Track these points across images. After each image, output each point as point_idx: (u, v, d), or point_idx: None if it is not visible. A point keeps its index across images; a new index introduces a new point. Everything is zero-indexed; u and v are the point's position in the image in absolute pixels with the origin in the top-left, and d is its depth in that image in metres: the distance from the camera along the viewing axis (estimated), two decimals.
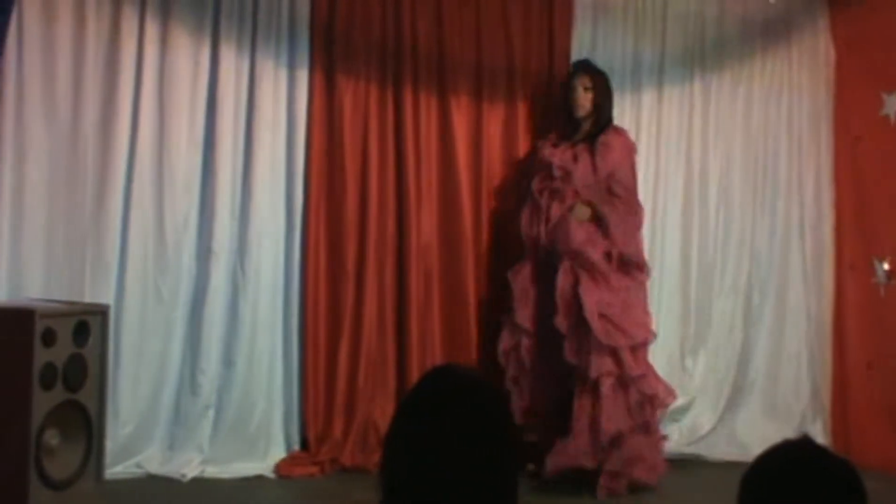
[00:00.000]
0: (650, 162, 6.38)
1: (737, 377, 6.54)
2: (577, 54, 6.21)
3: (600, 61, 6.15)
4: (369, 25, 5.89)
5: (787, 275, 6.65)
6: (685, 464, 6.10)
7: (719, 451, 6.25)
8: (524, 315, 5.75)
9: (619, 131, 5.86)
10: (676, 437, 6.24)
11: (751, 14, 6.58)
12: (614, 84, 6.00)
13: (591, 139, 5.77)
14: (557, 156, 5.78)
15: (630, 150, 5.85)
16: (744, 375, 6.55)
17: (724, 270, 6.54)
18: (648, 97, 6.39)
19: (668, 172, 6.43)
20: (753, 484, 2.00)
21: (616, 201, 5.69)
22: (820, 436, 6.30)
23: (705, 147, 6.51)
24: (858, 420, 6.50)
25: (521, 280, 5.80)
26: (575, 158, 5.75)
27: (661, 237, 6.40)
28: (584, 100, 5.83)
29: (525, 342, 5.73)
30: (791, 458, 2.00)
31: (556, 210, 5.72)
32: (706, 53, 6.53)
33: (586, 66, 5.95)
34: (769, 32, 6.65)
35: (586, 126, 5.84)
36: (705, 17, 6.51)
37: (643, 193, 6.29)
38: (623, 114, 6.28)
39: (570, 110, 5.88)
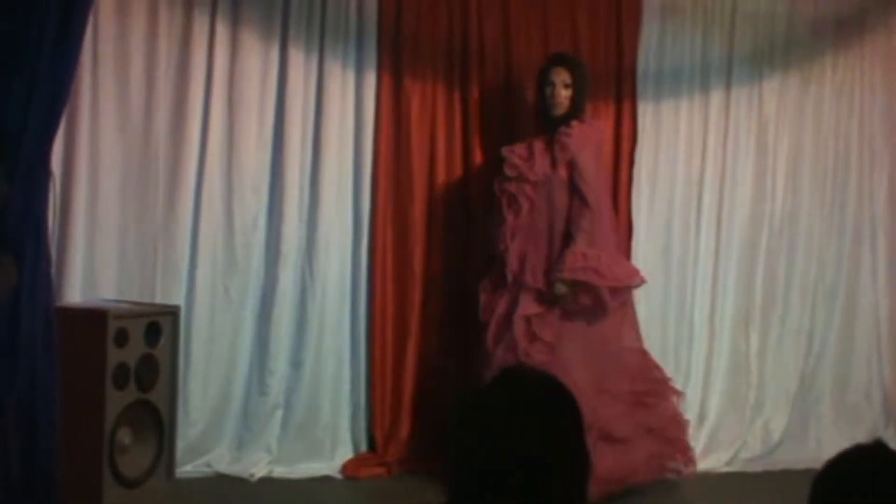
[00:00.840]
0: (717, 162, 6.29)
1: (805, 382, 6.41)
2: (644, 54, 6.14)
3: (668, 61, 6.09)
4: (437, 27, 5.89)
5: (858, 276, 6.51)
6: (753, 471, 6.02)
7: (788, 458, 6.09)
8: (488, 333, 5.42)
9: (584, 119, 5.45)
10: (741, 444, 6.16)
11: (822, 12, 6.46)
12: (682, 85, 5.90)
13: (554, 132, 5.44)
14: (516, 153, 5.50)
15: (591, 137, 5.43)
16: (813, 380, 6.43)
17: (791, 271, 6.41)
18: (716, 97, 6.30)
19: (736, 172, 6.32)
20: (824, 489, 1.98)
21: (585, 212, 5.30)
22: (893, 441, 6.15)
23: (774, 147, 6.40)
24: None
25: (487, 291, 5.53)
26: (531, 152, 5.46)
27: (727, 237, 6.30)
28: (563, 98, 5.42)
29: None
30: (863, 463, 1.98)
31: (512, 222, 5.45)
32: (776, 52, 6.40)
33: (565, 60, 5.55)
34: (841, 30, 6.51)
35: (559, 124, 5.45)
36: (775, 15, 6.38)
37: (710, 194, 6.24)
38: (692, 114, 6.23)
39: (546, 109, 5.47)
